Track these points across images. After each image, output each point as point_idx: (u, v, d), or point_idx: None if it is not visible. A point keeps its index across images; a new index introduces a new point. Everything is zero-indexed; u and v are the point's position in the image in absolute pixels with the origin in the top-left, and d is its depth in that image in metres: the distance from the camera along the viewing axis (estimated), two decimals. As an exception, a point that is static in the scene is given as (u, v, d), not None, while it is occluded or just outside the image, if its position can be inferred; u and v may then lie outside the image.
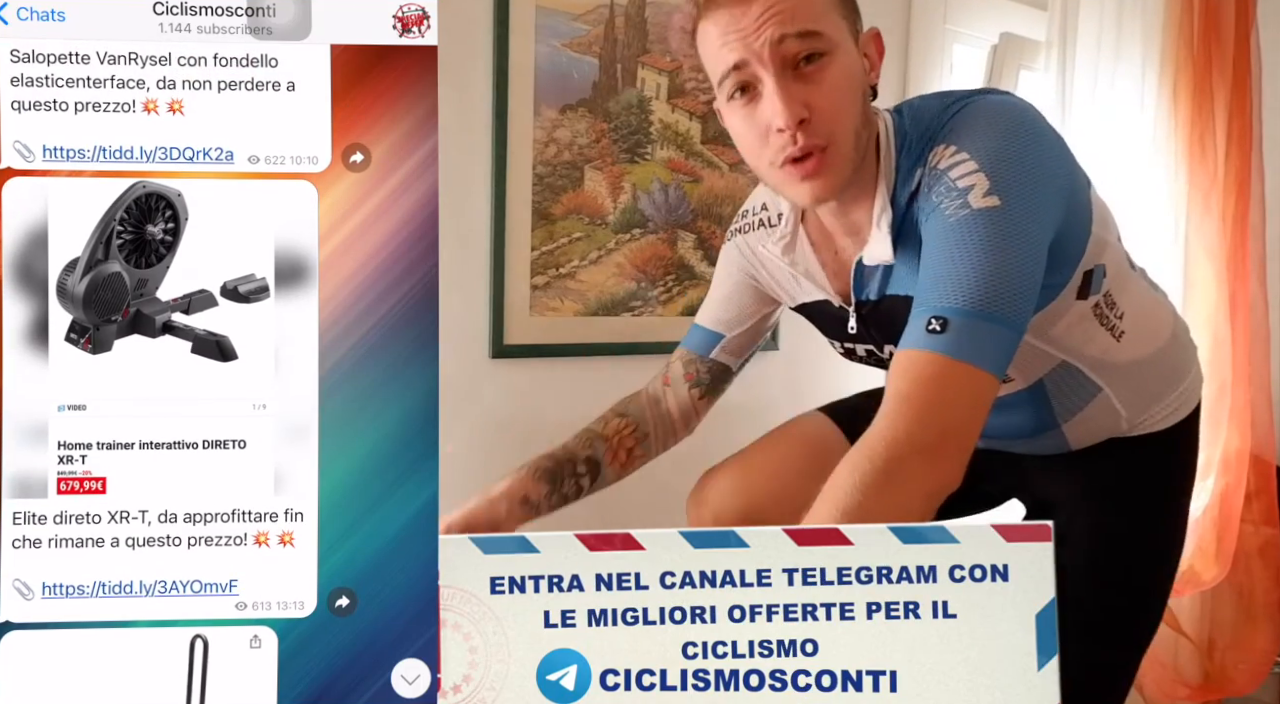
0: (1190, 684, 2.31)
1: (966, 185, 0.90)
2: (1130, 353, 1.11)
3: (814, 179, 0.95)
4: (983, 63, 2.32)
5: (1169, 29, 2.22)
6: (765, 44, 0.91)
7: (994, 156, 0.91)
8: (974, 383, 0.86)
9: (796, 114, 0.92)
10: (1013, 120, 0.95)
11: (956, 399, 0.86)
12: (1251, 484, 2.32)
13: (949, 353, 0.85)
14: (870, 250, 1.02)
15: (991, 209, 0.88)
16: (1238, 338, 2.29)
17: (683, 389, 1.26)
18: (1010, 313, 0.87)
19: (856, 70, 0.97)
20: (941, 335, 0.86)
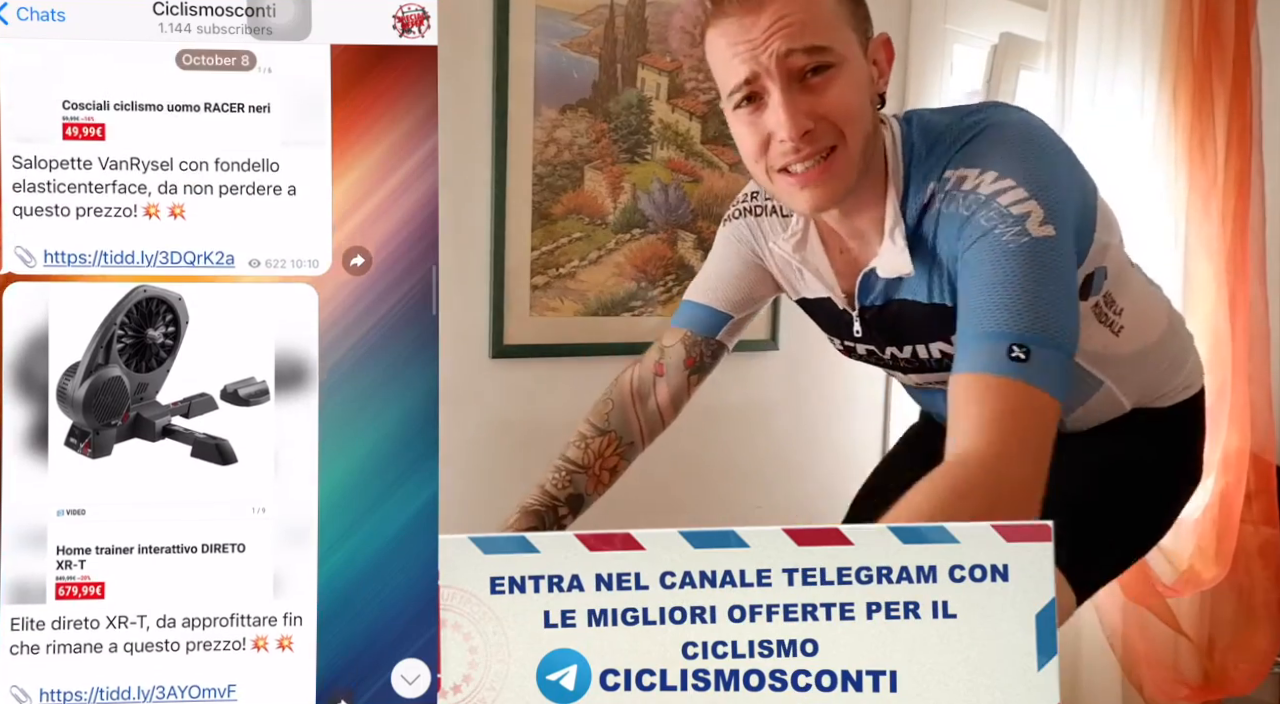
0: (1190, 684, 2.32)
1: (1021, 212, 0.92)
2: (1130, 346, 1.12)
3: (814, 187, 0.96)
4: (983, 63, 2.32)
5: (1169, 29, 2.22)
6: (773, 57, 0.92)
7: (1038, 182, 0.93)
8: (1053, 412, 0.90)
9: (801, 126, 0.93)
10: (1042, 142, 0.98)
11: (1043, 428, 0.89)
12: (1251, 484, 2.32)
13: (1033, 381, 0.88)
14: (885, 262, 1.03)
15: (1049, 239, 0.91)
16: (1237, 337, 2.29)
17: (680, 376, 1.23)
18: (1070, 341, 0.91)
19: (863, 81, 0.97)
20: (1025, 364, 0.88)
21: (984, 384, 0.89)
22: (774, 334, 2.00)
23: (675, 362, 1.23)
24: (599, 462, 1.22)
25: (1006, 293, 0.91)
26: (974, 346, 0.91)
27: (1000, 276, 0.92)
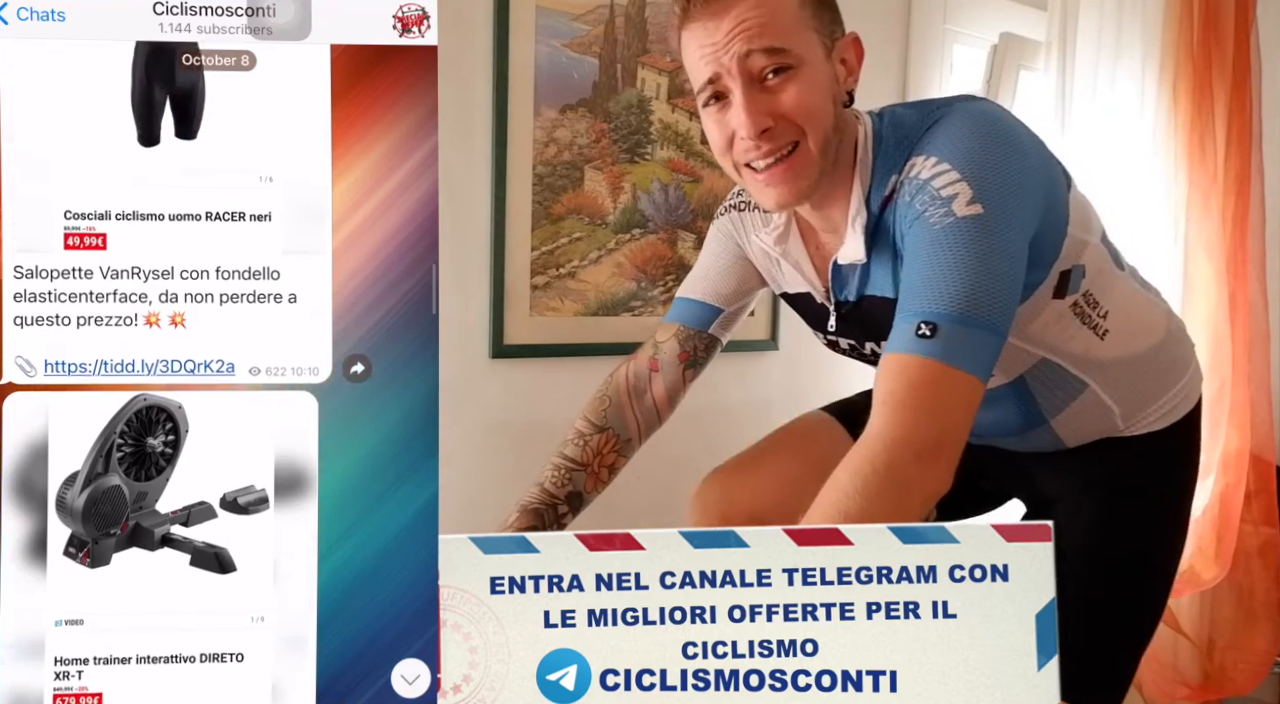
0: (1190, 684, 2.32)
1: (950, 194, 0.93)
2: (1117, 350, 1.12)
3: (778, 186, 1.00)
4: (983, 63, 2.32)
5: (1169, 29, 2.22)
6: (733, 58, 0.96)
7: (974, 165, 0.94)
8: (963, 387, 0.89)
9: (759, 124, 0.97)
10: (988, 128, 0.98)
11: (949, 403, 0.89)
12: (1251, 484, 2.32)
13: (938, 357, 0.88)
14: (844, 250, 1.05)
15: (974, 217, 0.91)
16: (1237, 337, 2.29)
17: (675, 371, 1.24)
18: (994, 318, 0.90)
19: (824, 81, 1.00)
20: (931, 340, 0.88)
21: (894, 362, 0.90)
22: (774, 334, 2.00)
23: (669, 356, 1.24)
24: (597, 459, 1.22)
25: (926, 273, 0.92)
26: (894, 329, 0.92)
27: (922, 258, 0.93)
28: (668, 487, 1.34)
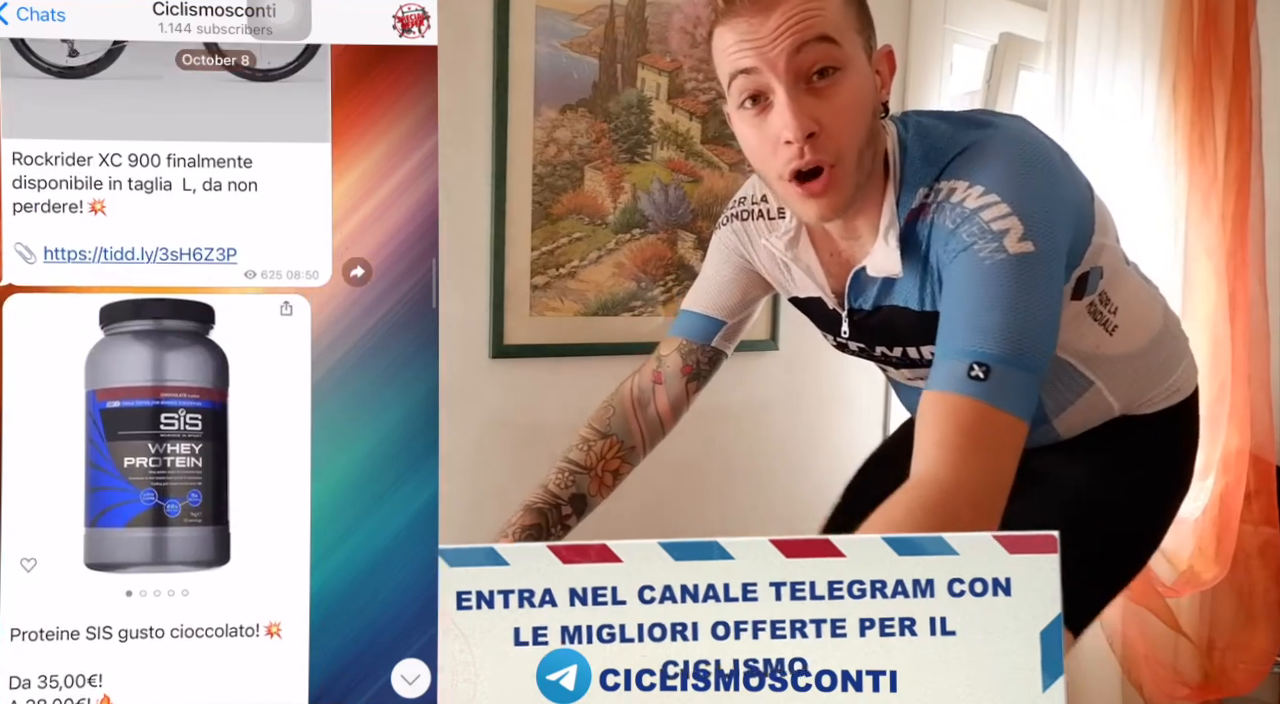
0: (1190, 684, 2.32)
1: (1001, 229, 0.92)
2: (1123, 346, 1.12)
3: (820, 197, 0.97)
4: (982, 63, 2.32)
5: (1169, 29, 2.22)
6: (781, 54, 0.92)
7: (1023, 198, 0.93)
8: (1014, 431, 0.89)
9: (806, 127, 0.93)
10: (1033, 156, 0.97)
11: (1000, 448, 0.89)
12: (1251, 484, 2.32)
13: (991, 401, 0.88)
14: (875, 261, 1.03)
15: (1026, 255, 0.91)
16: (1237, 337, 2.29)
17: (678, 384, 1.24)
18: (1039, 359, 0.91)
19: (868, 88, 0.97)
20: (984, 383, 0.88)
21: (945, 402, 0.89)
22: (774, 334, 2.00)
23: (673, 370, 1.24)
24: (601, 463, 1.22)
25: (975, 310, 0.91)
26: (940, 364, 0.91)
27: (972, 293, 0.92)
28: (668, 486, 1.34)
